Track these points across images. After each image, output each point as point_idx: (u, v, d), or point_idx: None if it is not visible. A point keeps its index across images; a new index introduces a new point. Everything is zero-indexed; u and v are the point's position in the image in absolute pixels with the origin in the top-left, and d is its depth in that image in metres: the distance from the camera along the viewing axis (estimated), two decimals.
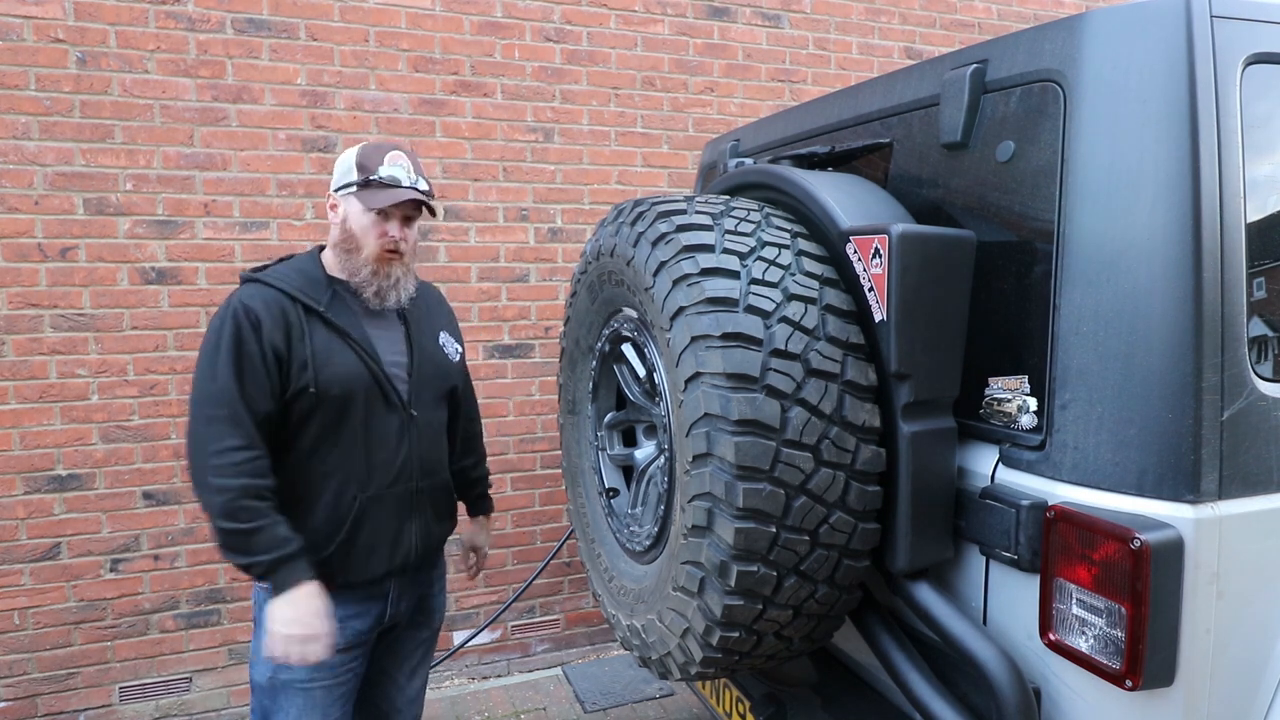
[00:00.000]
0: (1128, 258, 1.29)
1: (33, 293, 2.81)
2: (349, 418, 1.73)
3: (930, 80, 1.69)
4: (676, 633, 1.53)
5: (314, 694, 1.75)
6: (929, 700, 1.45)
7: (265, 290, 1.70)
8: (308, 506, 1.73)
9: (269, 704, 1.76)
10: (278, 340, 1.66)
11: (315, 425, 1.71)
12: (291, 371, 1.67)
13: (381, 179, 1.74)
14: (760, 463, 1.34)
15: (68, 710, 2.93)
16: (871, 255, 1.44)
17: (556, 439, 3.53)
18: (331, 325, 1.72)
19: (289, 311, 1.69)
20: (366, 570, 1.78)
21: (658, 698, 3.31)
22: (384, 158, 1.76)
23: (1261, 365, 1.32)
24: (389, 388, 1.78)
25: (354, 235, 1.75)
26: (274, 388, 1.66)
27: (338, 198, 1.79)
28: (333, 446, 1.73)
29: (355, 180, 1.76)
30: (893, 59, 3.96)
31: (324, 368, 1.69)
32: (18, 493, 2.83)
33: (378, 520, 1.78)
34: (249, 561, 1.60)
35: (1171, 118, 1.27)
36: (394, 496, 1.80)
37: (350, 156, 1.79)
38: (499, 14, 3.32)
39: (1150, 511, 1.25)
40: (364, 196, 1.74)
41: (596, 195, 3.53)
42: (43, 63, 2.77)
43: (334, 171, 1.82)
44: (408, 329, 1.87)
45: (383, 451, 1.78)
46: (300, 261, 1.81)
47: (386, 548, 1.80)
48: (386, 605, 1.86)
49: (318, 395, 1.68)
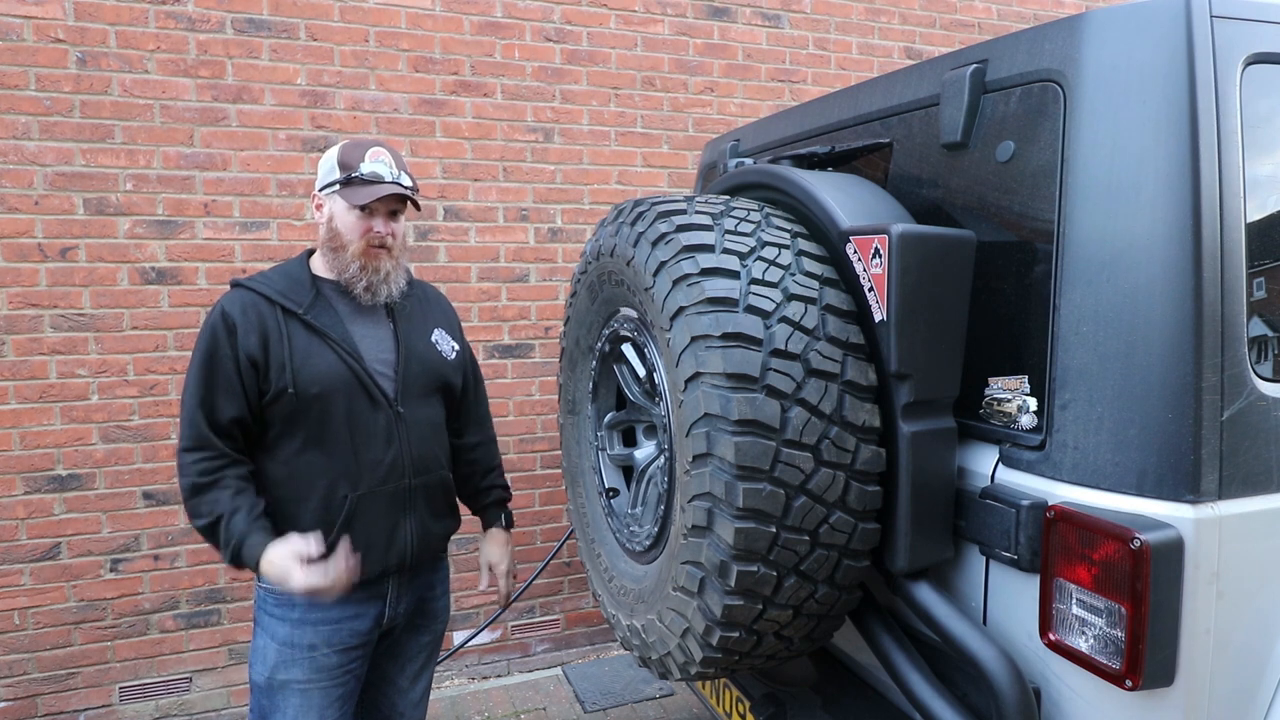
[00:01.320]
0: (1128, 258, 1.29)
1: (33, 293, 2.81)
2: (331, 417, 1.74)
3: (930, 80, 1.69)
4: (676, 633, 1.53)
5: (311, 694, 1.75)
6: (929, 700, 1.45)
7: (246, 295, 1.75)
8: (299, 507, 1.75)
9: (266, 704, 1.77)
10: (252, 345, 1.70)
11: (300, 426, 1.73)
12: (270, 375, 1.71)
13: (364, 175, 1.77)
14: (760, 463, 1.34)
15: (68, 710, 2.93)
16: (871, 255, 1.44)
17: (556, 439, 3.53)
18: (311, 327, 1.75)
19: (266, 316, 1.72)
20: (362, 569, 1.77)
21: (658, 698, 3.31)
22: (365, 154, 1.78)
23: (1261, 365, 1.32)
24: (372, 385, 1.78)
25: (339, 233, 1.78)
26: (249, 392, 1.71)
27: (322, 197, 1.81)
28: (319, 447, 1.75)
29: (338, 179, 1.77)
30: (893, 59, 3.96)
31: (302, 368, 1.71)
32: (18, 493, 2.83)
33: (370, 519, 1.78)
34: (222, 554, 1.70)
35: (1171, 118, 1.27)
36: (386, 494, 1.80)
37: (332, 156, 1.80)
38: (499, 14, 3.32)
39: (1150, 511, 1.25)
40: (347, 194, 1.76)
41: (596, 195, 3.53)
42: (43, 63, 2.77)
43: (318, 172, 1.85)
44: (395, 326, 1.87)
45: (371, 450, 1.78)
46: (288, 265, 1.85)
47: (381, 546, 1.80)
48: (385, 606, 1.86)
49: (297, 395, 1.71)
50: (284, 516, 1.75)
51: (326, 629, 1.77)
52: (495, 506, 2.15)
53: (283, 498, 1.75)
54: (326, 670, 1.77)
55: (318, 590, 1.63)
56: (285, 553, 1.65)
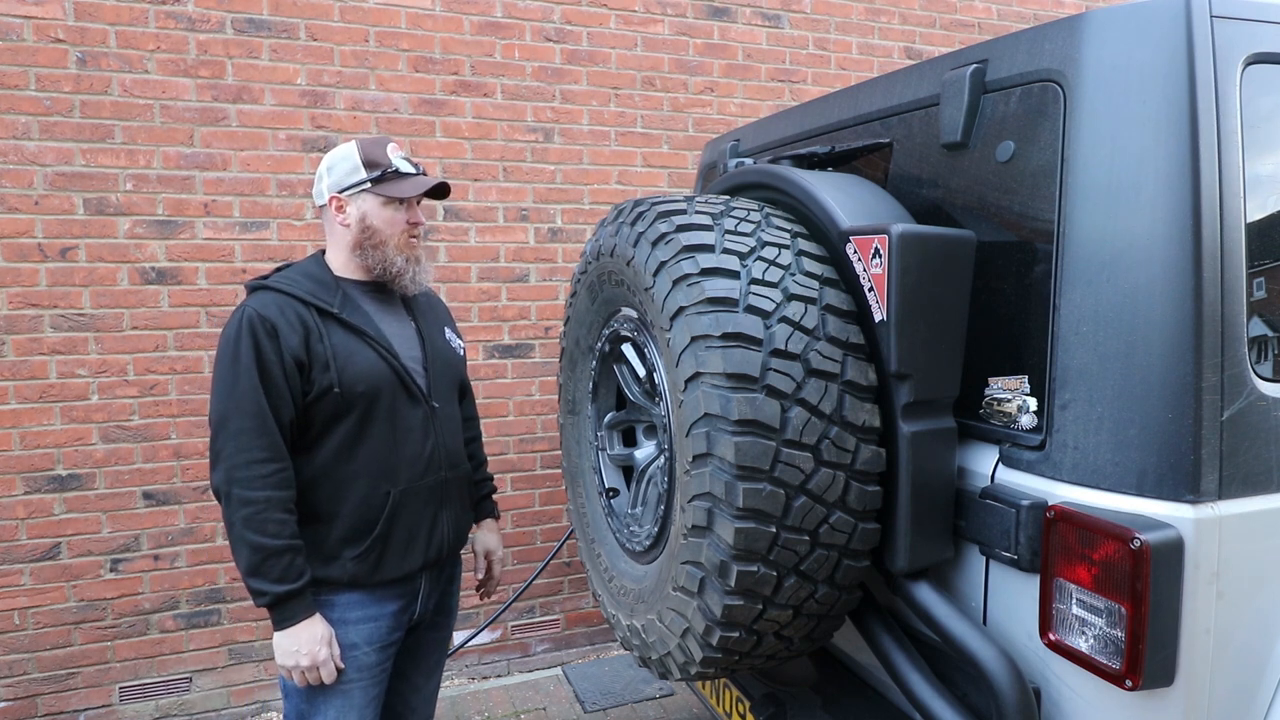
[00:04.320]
0: (1128, 258, 1.29)
1: (33, 293, 2.81)
2: (375, 414, 1.74)
3: (930, 80, 1.69)
4: (676, 633, 1.53)
5: (352, 694, 1.76)
6: (929, 700, 1.45)
7: (278, 296, 1.71)
8: (337, 508, 1.73)
9: (306, 707, 1.75)
10: (295, 345, 1.66)
11: (342, 425, 1.72)
12: (313, 374, 1.68)
13: (398, 170, 1.80)
14: (760, 463, 1.34)
15: (68, 710, 2.93)
16: (871, 255, 1.44)
17: (556, 439, 3.53)
18: (348, 325, 1.74)
19: (304, 316, 1.70)
20: (404, 564, 1.79)
21: (658, 698, 3.31)
22: (388, 149, 1.81)
23: (1261, 365, 1.32)
24: (410, 381, 1.80)
25: (377, 230, 1.78)
26: (295, 393, 1.67)
27: (346, 198, 1.79)
28: (361, 444, 1.74)
29: (367, 177, 1.77)
30: (893, 59, 3.96)
31: (346, 367, 1.70)
32: (18, 493, 2.83)
33: (412, 513, 1.80)
34: (262, 587, 1.60)
35: (1171, 117, 1.27)
36: (426, 488, 1.82)
37: (352, 156, 1.79)
38: (499, 14, 3.32)
39: (1150, 511, 1.25)
40: (386, 188, 1.77)
41: (596, 195, 3.53)
42: (43, 63, 2.77)
43: (328, 175, 1.80)
44: (417, 324, 1.90)
45: (410, 445, 1.79)
46: (305, 266, 1.82)
47: (423, 540, 1.82)
48: (417, 602, 1.88)
49: (342, 394, 1.69)
50: (318, 519, 1.71)
51: (367, 627, 1.77)
52: (488, 498, 2.22)
53: (317, 500, 1.71)
54: (367, 669, 1.77)
55: (315, 682, 1.67)
56: (327, 636, 1.66)
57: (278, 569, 1.60)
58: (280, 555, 1.60)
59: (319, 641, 1.65)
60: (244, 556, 1.60)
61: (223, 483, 1.61)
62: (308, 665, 1.64)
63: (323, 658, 1.65)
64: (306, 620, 1.64)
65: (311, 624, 1.65)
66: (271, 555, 1.59)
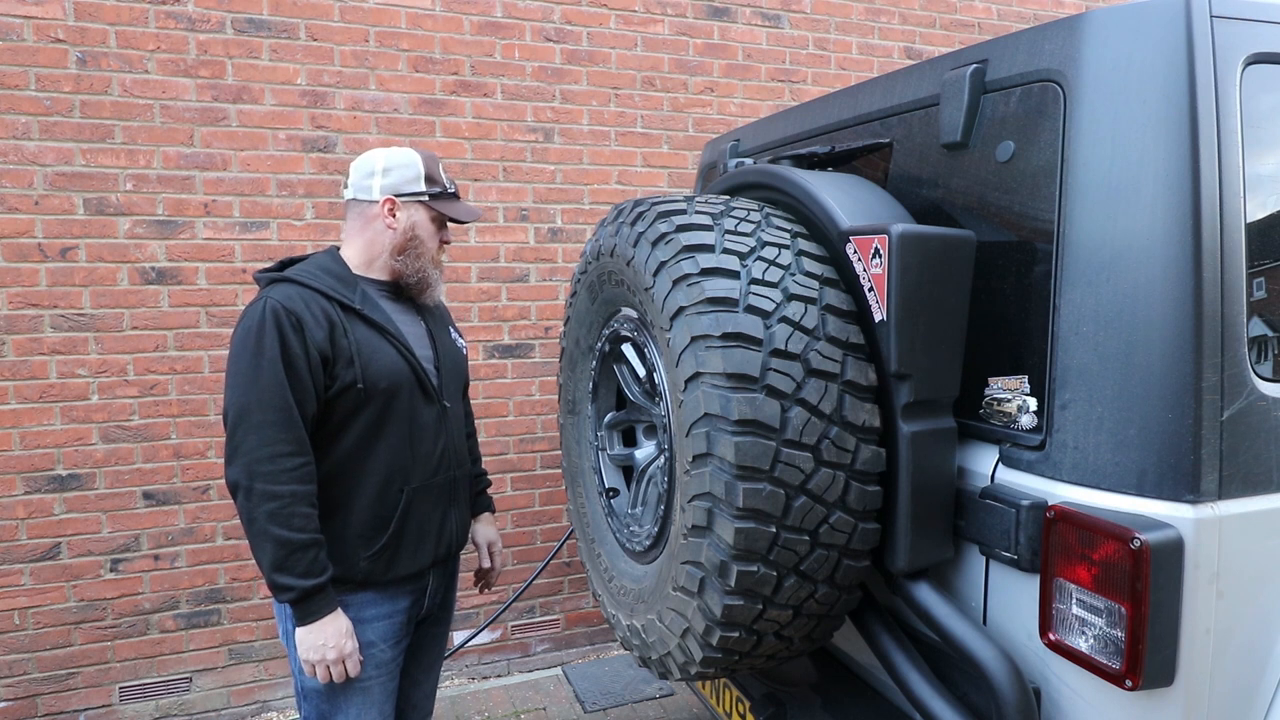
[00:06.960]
0: (1128, 258, 1.29)
1: (33, 293, 2.81)
2: (395, 411, 1.75)
3: (930, 80, 1.69)
4: (676, 633, 1.53)
5: (371, 691, 1.77)
6: (929, 700, 1.45)
7: (301, 290, 1.69)
8: (351, 503, 1.73)
9: (327, 707, 1.75)
10: (320, 339, 1.65)
11: (361, 421, 1.72)
12: (337, 369, 1.67)
13: (452, 192, 1.89)
14: (760, 463, 1.34)
15: (68, 710, 2.93)
16: (871, 255, 1.44)
17: (556, 439, 3.53)
18: (370, 322, 1.74)
19: (329, 310, 1.69)
20: (416, 561, 1.81)
21: (658, 698, 3.31)
22: (439, 169, 1.87)
23: (1261, 365, 1.32)
24: (426, 380, 1.82)
25: (422, 240, 1.83)
26: (318, 388, 1.66)
27: (401, 203, 1.80)
28: (379, 441, 1.74)
29: (425, 190, 1.83)
30: (893, 59, 3.96)
31: (369, 364, 1.71)
32: (18, 493, 2.82)
33: (424, 511, 1.82)
34: (288, 582, 1.58)
35: (1171, 118, 1.27)
36: (436, 486, 1.85)
37: (416, 165, 1.82)
38: (499, 14, 3.32)
39: (1150, 511, 1.25)
40: (442, 207, 1.85)
41: (596, 195, 3.53)
42: (43, 63, 2.77)
43: (384, 176, 1.80)
44: (427, 324, 1.92)
45: (424, 443, 1.81)
46: (323, 261, 1.79)
47: (433, 537, 1.85)
48: (426, 598, 1.91)
49: (365, 390, 1.70)
50: (331, 513, 1.71)
51: (382, 625, 1.78)
52: (483, 493, 2.25)
53: (330, 495, 1.70)
54: (384, 665, 1.79)
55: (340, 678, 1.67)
56: (350, 629, 1.67)
57: (304, 563, 1.58)
58: (306, 550, 1.59)
59: (344, 635, 1.65)
60: (269, 552, 1.56)
61: (243, 476, 1.57)
62: (334, 659, 1.64)
63: (349, 650, 1.66)
64: (331, 614, 1.64)
65: (336, 618, 1.65)
66: (298, 550, 1.57)
